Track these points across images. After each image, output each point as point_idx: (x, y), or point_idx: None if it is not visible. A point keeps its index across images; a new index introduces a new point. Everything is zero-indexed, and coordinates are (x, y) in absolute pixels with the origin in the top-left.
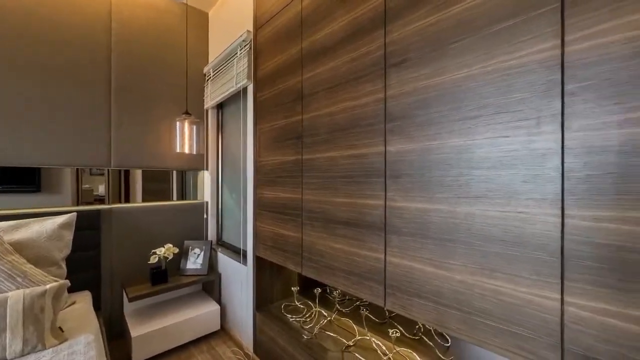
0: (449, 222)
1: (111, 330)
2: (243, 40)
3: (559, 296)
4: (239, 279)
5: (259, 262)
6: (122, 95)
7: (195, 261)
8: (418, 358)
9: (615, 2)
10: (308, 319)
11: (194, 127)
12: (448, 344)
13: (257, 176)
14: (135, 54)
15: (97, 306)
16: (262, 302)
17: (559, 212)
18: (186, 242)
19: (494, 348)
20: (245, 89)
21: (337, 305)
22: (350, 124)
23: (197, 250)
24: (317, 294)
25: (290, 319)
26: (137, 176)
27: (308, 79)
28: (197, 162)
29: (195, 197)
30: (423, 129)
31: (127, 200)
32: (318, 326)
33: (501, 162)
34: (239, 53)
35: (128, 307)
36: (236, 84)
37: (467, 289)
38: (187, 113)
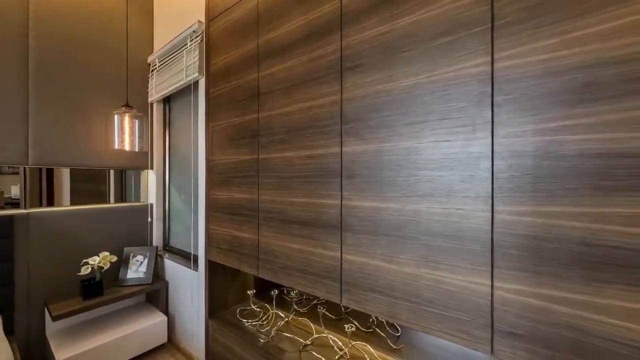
0: (399, 219)
1: (30, 356)
2: (194, 31)
3: (489, 282)
4: (188, 286)
5: (212, 267)
6: (43, 82)
7: (137, 270)
8: (372, 350)
9: (531, 29)
10: (265, 322)
11: (136, 121)
12: (398, 334)
13: (209, 176)
14: (61, 35)
15: (9, 330)
16: (216, 308)
17: (489, 208)
18: (126, 249)
19: (437, 333)
20: (196, 83)
21: (295, 306)
22: (307, 125)
23: (139, 258)
24: (274, 296)
25: (246, 324)
26: (64, 176)
27: (265, 76)
28: (140, 161)
29: (138, 199)
30: (376, 132)
31: (50, 204)
32: (275, 328)
33: (443, 163)
34: (189, 44)
35: (52, 327)
36: (186, 77)
37: (415, 281)
38: (127, 106)
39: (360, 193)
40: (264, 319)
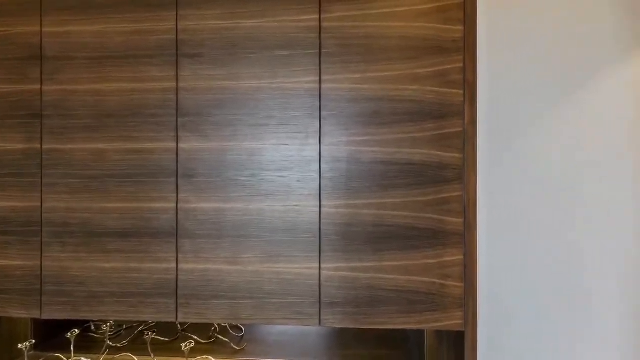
0: (243, 219)
1: None
2: None
3: (317, 265)
4: None
5: None
6: None
7: None
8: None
9: (344, 63)
10: None
11: None
12: (242, 334)
13: None
14: None
15: None
16: None
17: (318, 203)
18: None
19: (278, 320)
20: None
21: (109, 342)
22: (129, 111)
23: None
24: (73, 338)
25: None
26: None
27: (56, 34)
28: None
29: None
30: (220, 129)
31: None
32: None
33: (283, 165)
34: None
35: None
36: None
37: (258, 277)
38: None
39: (201, 194)
40: None
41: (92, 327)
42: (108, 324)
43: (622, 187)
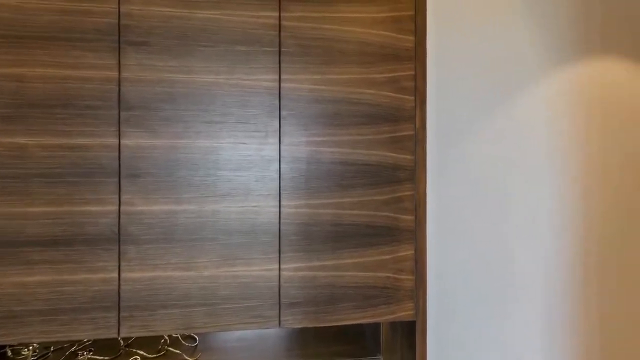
0: (196, 222)
1: None
2: None
3: (277, 266)
4: None
5: None
6: None
7: None
8: None
9: (304, 63)
10: None
11: None
12: (196, 343)
13: None
14: None
15: None
16: None
17: (277, 203)
18: None
19: (235, 326)
20: None
21: None
22: (58, 101)
23: None
24: None
25: None
26: None
27: None
28: None
29: None
30: (170, 125)
31: None
32: None
33: (241, 164)
34: None
35: None
36: None
37: (214, 282)
38: None
39: (149, 195)
40: None
41: (9, 353)
42: (30, 347)
43: (540, 188)
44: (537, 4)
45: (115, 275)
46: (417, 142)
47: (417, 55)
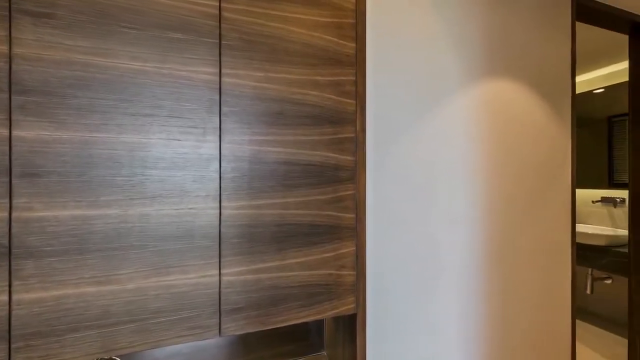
0: (119, 228)
1: None
2: None
3: (217, 271)
4: None
5: None
6: None
7: None
8: None
9: (247, 59)
10: None
11: None
12: None
13: None
14: None
15: None
16: None
17: (218, 205)
18: None
19: (169, 341)
20: None
21: None
22: None
23: None
24: None
25: None
26: None
27: None
28: None
29: None
30: (83, 116)
31: None
32: None
33: (175, 163)
34: None
35: None
36: None
37: (142, 295)
38: None
39: (53, 199)
40: None
41: None
42: None
43: (457, 185)
44: (456, 28)
45: (6, 298)
46: (358, 144)
47: (358, 62)
